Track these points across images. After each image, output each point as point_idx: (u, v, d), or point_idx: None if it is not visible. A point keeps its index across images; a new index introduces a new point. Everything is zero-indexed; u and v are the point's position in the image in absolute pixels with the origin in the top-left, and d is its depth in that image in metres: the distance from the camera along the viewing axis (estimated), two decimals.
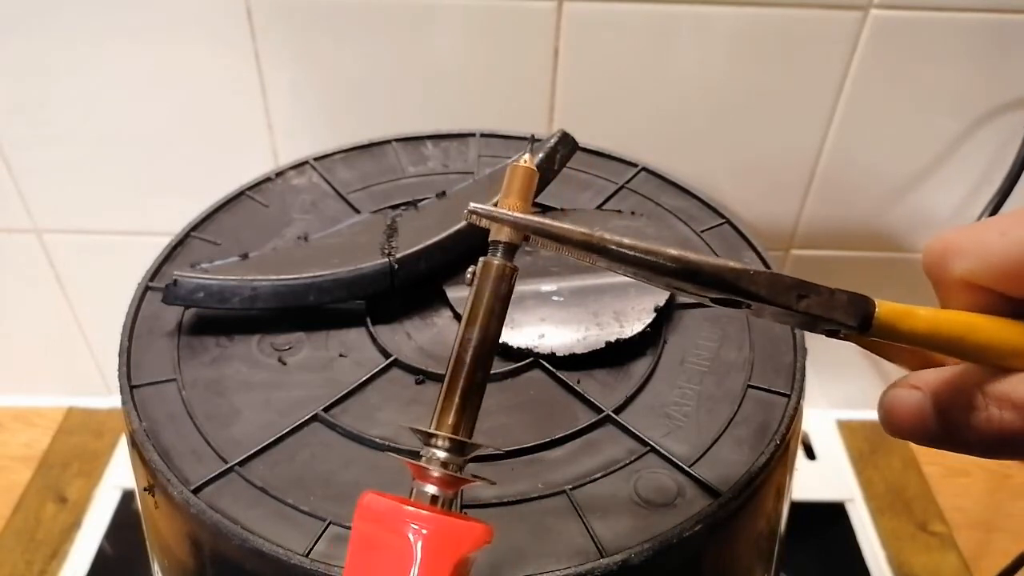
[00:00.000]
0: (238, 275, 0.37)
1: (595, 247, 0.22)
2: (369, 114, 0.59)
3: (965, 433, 0.23)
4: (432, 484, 0.23)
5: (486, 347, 0.24)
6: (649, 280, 0.23)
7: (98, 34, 0.56)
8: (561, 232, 0.22)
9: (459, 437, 0.23)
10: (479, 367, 0.24)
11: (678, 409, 0.35)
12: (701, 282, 0.22)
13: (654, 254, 0.22)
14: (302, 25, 0.56)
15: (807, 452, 0.75)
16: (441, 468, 0.23)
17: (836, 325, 0.23)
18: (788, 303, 0.22)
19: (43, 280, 0.69)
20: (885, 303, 0.23)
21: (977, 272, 0.23)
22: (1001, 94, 0.58)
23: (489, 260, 0.24)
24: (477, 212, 0.23)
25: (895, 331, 0.23)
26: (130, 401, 0.35)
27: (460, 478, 0.23)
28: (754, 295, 0.22)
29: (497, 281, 0.24)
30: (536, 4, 0.54)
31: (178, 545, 0.33)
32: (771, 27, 0.55)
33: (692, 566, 0.31)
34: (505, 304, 0.24)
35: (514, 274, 0.24)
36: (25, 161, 0.62)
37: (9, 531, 0.67)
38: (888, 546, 0.67)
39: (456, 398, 0.23)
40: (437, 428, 0.23)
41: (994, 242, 0.22)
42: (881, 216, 0.65)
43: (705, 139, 0.61)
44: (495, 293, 0.24)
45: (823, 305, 0.22)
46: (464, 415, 0.24)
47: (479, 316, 0.24)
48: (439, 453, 0.23)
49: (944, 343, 0.23)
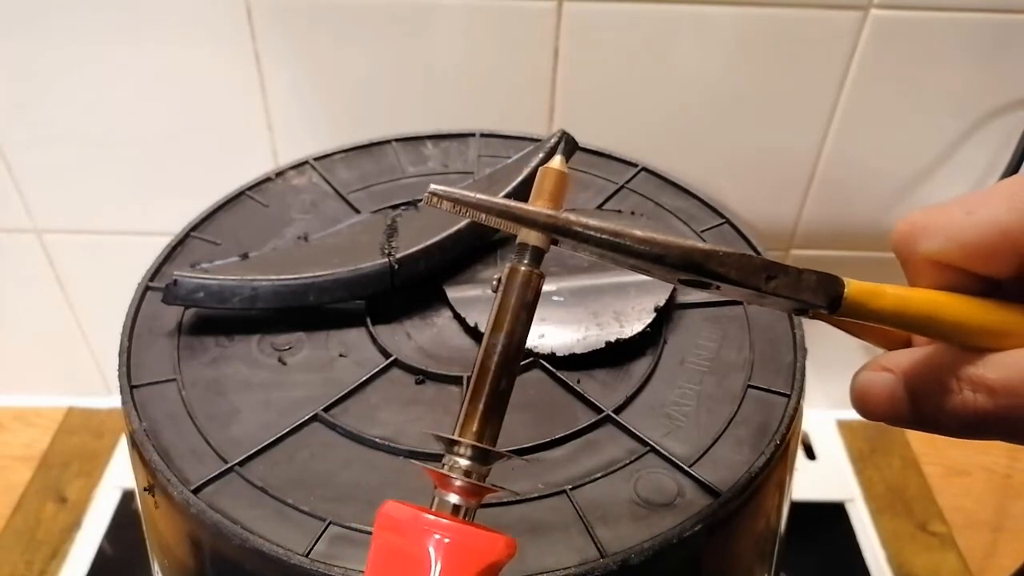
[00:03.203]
0: (238, 275, 0.37)
1: (560, 229, 0.22)
2: (369, 114, 0.59)
3: (939, 416, 0.23)
4: (454, 493, 0.22)
5: (511, 354, 0.23)
6: (616, 262, 0.22)
7: (98, 34, 0.56)
8: (525, 214, 0.22)
9: (483, 445, 0.23)
10: (504, 374, 0.23)
11: (678, 409, 0.35)
12: (669, 264, 0.22)
13: (620, 236, 0.22)
14: (302, 25, 0.56)
15: (807, 452, 0.75)
16: (464, 477, 0.22)
17: (805, 305, 0.23)
18: (757, 284, 0.22)
19: (43, 280, 0.69)
20: (854, 282, 0.23)
21: (944, 251, 0.23)
22: (1001, 94, 0.58)
23: (516, 266, 0.23)
24: (437, 194, 0.23)
25: (864, 310, 0.23)
26: (130, 401, 0.35)
27: (483, 487, 0.23)
28: (723, 276, 0.22)
29: (523, 287, 0.23)
30: (536, 4, 0.54)
31: (178, 545, 0.33)
32: (771, 27, 0.55)
33: (692, 566, 0.31)
34: (531, 311, 0.24)
35: (541, 280, 0.24)
36: (25, 161, 0.62)
37: (9, 531, 0.67)
38: (888, 546, 0.67)
39: (480, 405, 0.23)
40: (461, 435, 0.23)
41: (960, 221, 0.22)
42: (881, 216, 0.65)
43: (705, 139, 0.61)
44: (521, 300, 0.23)
45: (791, 286, 0.22)
46: (488, 423, 0.23)
47: (505, 323, 0.23)
48: (462, 461, 0.23)
49: (912, 322, 0.23)
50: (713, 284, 0.22)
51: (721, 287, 0.22)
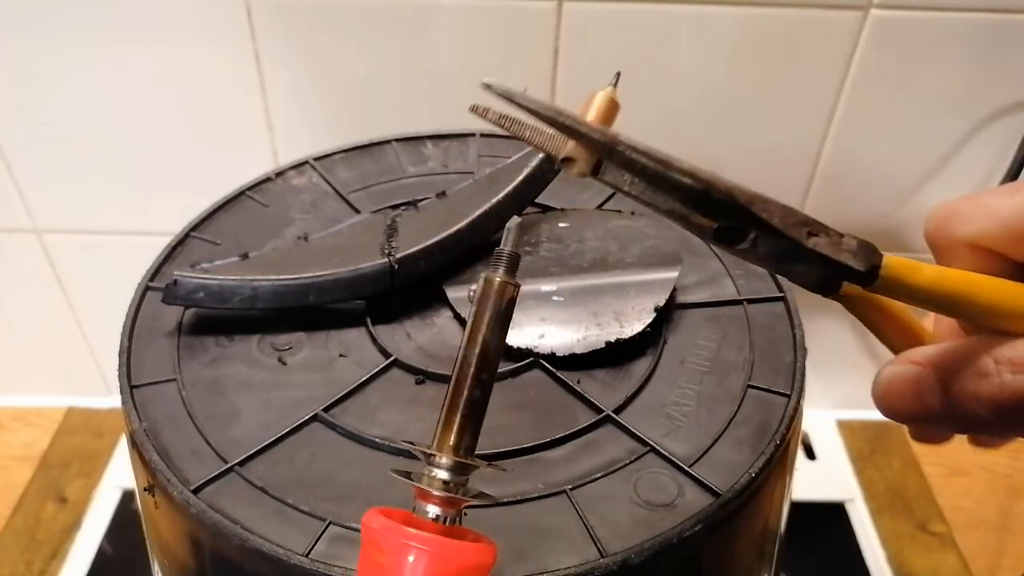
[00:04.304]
0: (238, 275, 0.37)
1: (606, 145, 0.21)
2: (369, 114, 0.59)
3: (972, 404, 0.21)
4: (434, 504, 0.23)
5: (487, 365, 0.23)
6: (654, 203, 0.21)
7: (98, 34, 0.56)
8: (576, 125, 0.21)
9: (460, 458, 0.23)
10: (480, 386, 0.23)
11: (678, 409, 0.35)
12: (712, 202, 0.21)
13: (665, 164, 0.21)
14: (302, 25, 0.56)
15: (807, 452, 0.75)
16: (443, 488, 0.23)
17: (840, 272, 0.22)
18: (798, 237, 0.21)
19: (43, 280, 0.69)
20: (891, 256, 0.22)
21: (984, 233, 0.22)
22: (1002, 94, 0.58)
23: (491, 276, 0.24)
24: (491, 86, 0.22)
25: (900, 284, 0.22)
26: (130, 401, 0.35)
27: (461, 499, 0.23)
28: (765, 224, 0.21)
29: (498, 298, 0.24)
30: (536, 4, 0.54)
31: (178, 545, 0.33)
32: (771, 27, 0.55)
33: (692, 566, 0.31)
34: (506, 322, 0.24)
35: (516, 290, 0.24)
36: (25, 161, 0.62)
37: (9, 531, 0.67)
38: (888, 546, 0.67)
39: (457, 417, 0.23)
40: (438, 448, 0.23)
41: (1002, 203, 0.22)
42: (881, 216, 0.65)
43: (705, 139, 0.61)
44: (496, 311, 0.23)
45: (832, 246, 0.21)
46: (465, 434, 0.23)
47: (480, 334, 0.23)
48: (441, 473, 0.23)
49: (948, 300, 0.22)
50: (751, 235, 0.21)
51: (758, 240, 0.21)
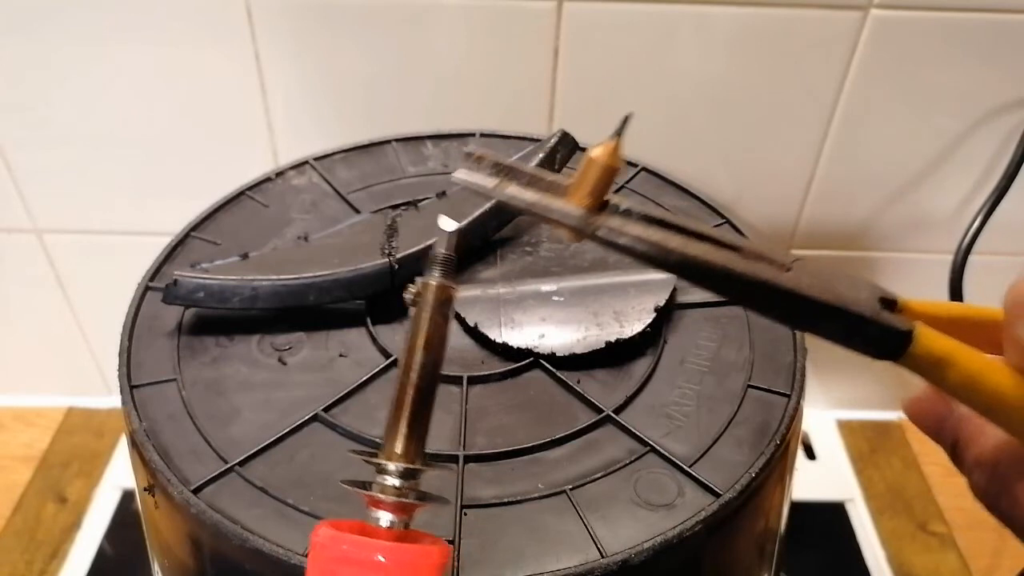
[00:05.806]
0: (238, 275, 0.37)
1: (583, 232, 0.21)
2: (369, 114, 0.59)
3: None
4: (387, 511, 0.23)
5: (428, 371, 0.24)
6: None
7: (98, 34, 0.56)
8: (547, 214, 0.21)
9: (409, 464, 0.24)
10: (423, 393, 0.24)
11: (678, 409, 0.35)
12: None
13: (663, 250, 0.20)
14: (302, 25, 0.56)
15: (807, 452, 0.74)
16: (395, 495, 0.23)
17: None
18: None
19: (43, 280, 0.69)
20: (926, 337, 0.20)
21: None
22: (1001, 94, 0.58)
23: (427, 282, 0.24)
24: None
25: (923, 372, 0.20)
26: (130, 401, 0.35)
27: (413, 504, 0.23)
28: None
29: (436, 302, 0.24)
30: (536, 4, 0.54)
31: (178, 545, 0.33)
32: (771, 27, 0.55)
33: (692, 566, 0.31)
34: (446, 326, 0.24)
35: (453, 292, 0.24)
36: (25, 161, 0.62)
37: (9, 531, 0.67)
38: (888, 546, 0.67)
39: (403, 426, 0.24)
40: (387, 458, 0.24)
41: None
42: (881, 216, 0.65)
43: (705, 139, 0.61)
44: (434, 316, 0.24)
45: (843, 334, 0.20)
46: (412, 441, 0.24)
47: (419, 341, 0.24)
48: (392, 480, 0.23)
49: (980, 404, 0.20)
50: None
51: None
